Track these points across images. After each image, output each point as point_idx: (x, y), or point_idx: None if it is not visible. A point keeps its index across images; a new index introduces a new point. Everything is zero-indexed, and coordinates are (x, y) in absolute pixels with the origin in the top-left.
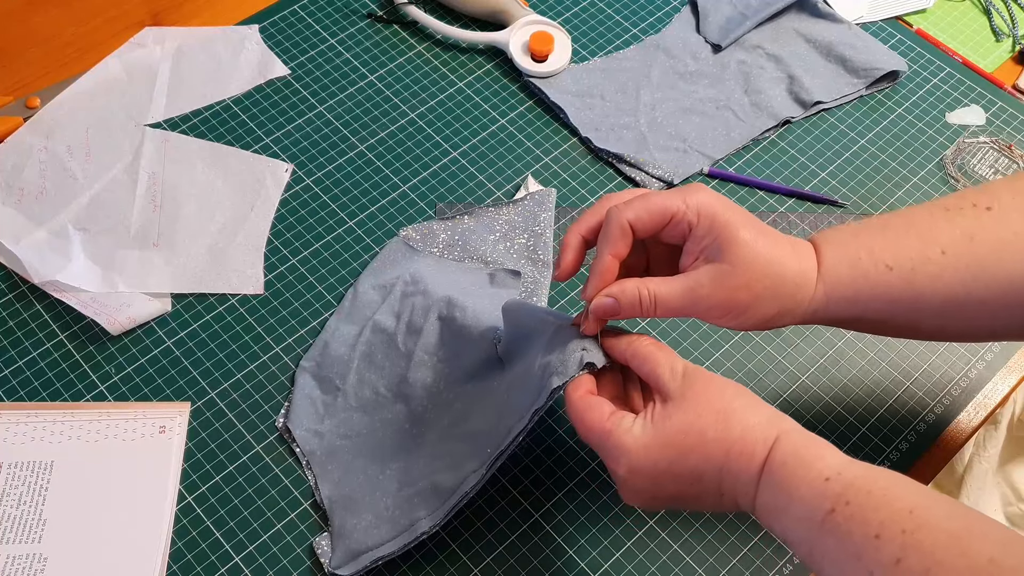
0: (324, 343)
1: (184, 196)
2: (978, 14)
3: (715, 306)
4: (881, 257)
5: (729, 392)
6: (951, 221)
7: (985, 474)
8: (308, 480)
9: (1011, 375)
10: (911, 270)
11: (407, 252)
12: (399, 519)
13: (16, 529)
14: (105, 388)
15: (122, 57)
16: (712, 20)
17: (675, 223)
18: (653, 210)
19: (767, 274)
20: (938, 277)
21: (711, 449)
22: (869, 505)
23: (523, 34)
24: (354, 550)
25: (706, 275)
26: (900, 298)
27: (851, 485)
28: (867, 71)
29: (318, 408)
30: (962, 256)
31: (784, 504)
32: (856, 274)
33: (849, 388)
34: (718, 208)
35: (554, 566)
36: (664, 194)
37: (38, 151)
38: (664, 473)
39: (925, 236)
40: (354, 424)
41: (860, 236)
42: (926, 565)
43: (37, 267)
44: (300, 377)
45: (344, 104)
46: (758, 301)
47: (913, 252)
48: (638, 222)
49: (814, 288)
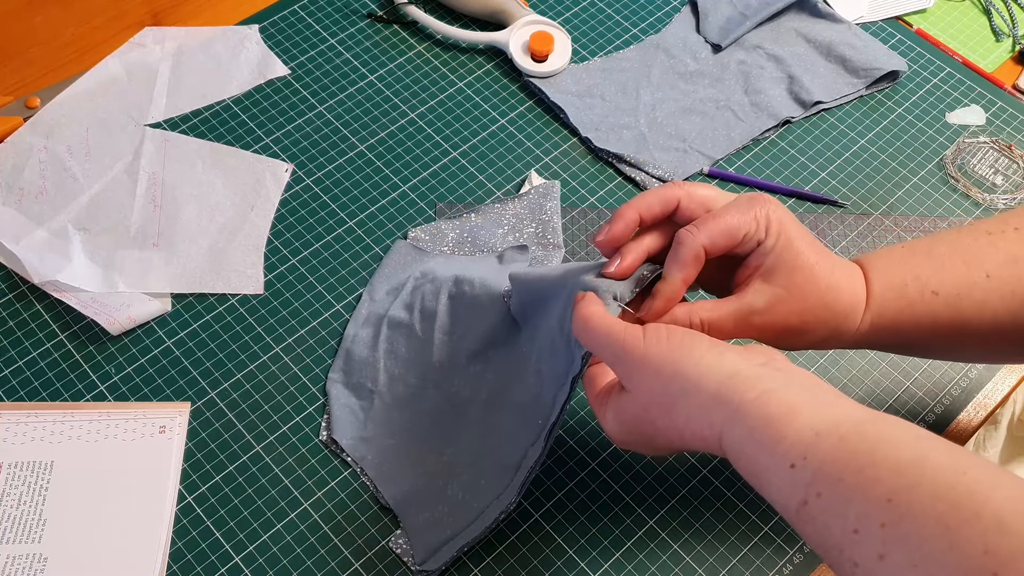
0: (346, 351)
1: (184, 196)
2: (978, 14)
3: (765, 330)
4: (928, 284)
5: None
6: (994, 245)
7: None
8: (370, 488)
9: (1011, 375)
10: (957, 296)
11: (417, 254)
12: (471, 503)
13: (16, 529)
14: (105, 388)
15: (122, 57)
16: (712, 20)
17: (745, 241)
18: (728, 232)
19: (822, 303)
20: (984, 303)
21: (668, 433)
22: (842, 496)
23: (523, 34)
24: (434, 544)
25: (760, 300)
26: (945, 324)
27: (819, 472)
28: (867, 71)
29: (358, 415)
30: (1007, 280)
31: (758, 486)
32: (903, 303)
33: (849, 388)
34: (787, 225)
35: (554, 566)
36: (735, 211)
37: (38, 151)
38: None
39: (970, 261)
40: (396, 421)
41: (907, 262)
42: (912, 561)
43: (37, 267)
44: (332, 389)
45: (344, 104)
46: (808, 328)
47: (959, 278)
48: (712, 247)
49: (861, 318)
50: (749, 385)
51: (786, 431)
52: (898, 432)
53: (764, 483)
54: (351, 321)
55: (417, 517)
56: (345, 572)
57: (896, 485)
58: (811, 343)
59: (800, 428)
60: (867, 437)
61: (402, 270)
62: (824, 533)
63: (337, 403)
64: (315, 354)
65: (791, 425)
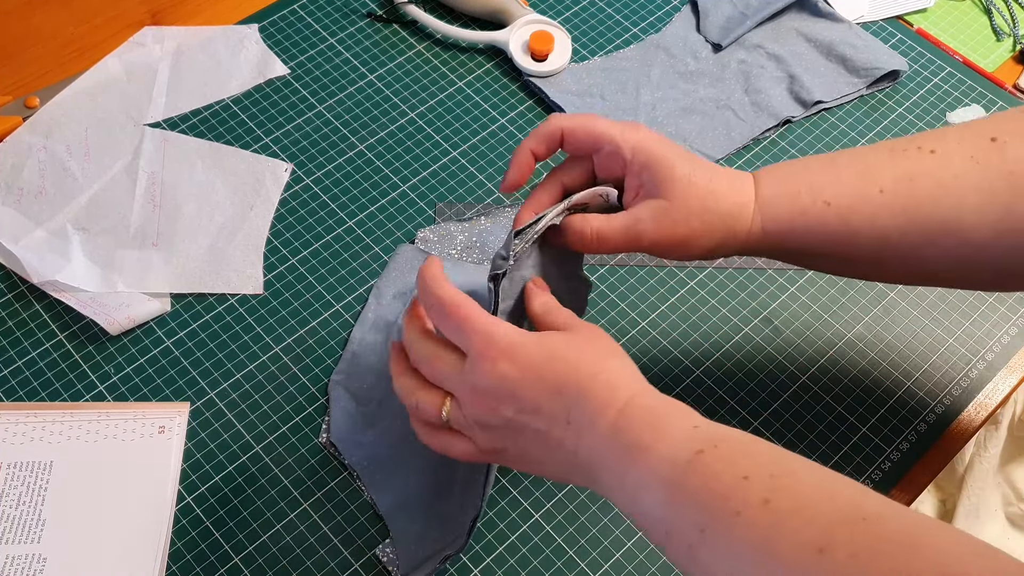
0: (352, 354)
1: (183, 196)
2: (979, 13)
3: (656, 242)
4: (821, 194)
5: (619, 352)
6: (894, 161)
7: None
8: (364, 493)
9: (1012, 375)
10: (848, 208)
11: (423, 257)
12: (457, 516)
13: (15, 529)
14: (104, 388)
15: (121, 57)
16: (712, 19)
17: (608, 152)
18: (588, 129)
19: (704, 208)
20: (875, 216)
21: (583, 368)
22: (738, 451)
23: (523, 33)
24: (420, 557)
25: (645, 211)
26: (836, 233)
27: (719, 435)
28: (868, 70)
29: (357, 420)
30: (899, 196)
31: (648, 443)
32: (795, 210)
33: (850, 388)
34: (653, 144)
35: (554, 566)
36: (606, 122)
37: (37, 151)
38: (534, 368)
39: (866, 175)
40: (397, 431)
41: (802, 173)
42: (795, 505)
43: (36, 267)
44: (333, 391)
45: (344, 104)
46: (696, 235)
47: (852, 190)
48: (571, 135)
49: (751, 220)
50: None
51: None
52: None
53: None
54: (357, 324)
55: (407, 528)
56: (344, 573)
57: (783, 455)
58: (707, 250)
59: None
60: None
61: (409, 273)
62: (712, 481)
63: (337, 406)
64: (315, 354)
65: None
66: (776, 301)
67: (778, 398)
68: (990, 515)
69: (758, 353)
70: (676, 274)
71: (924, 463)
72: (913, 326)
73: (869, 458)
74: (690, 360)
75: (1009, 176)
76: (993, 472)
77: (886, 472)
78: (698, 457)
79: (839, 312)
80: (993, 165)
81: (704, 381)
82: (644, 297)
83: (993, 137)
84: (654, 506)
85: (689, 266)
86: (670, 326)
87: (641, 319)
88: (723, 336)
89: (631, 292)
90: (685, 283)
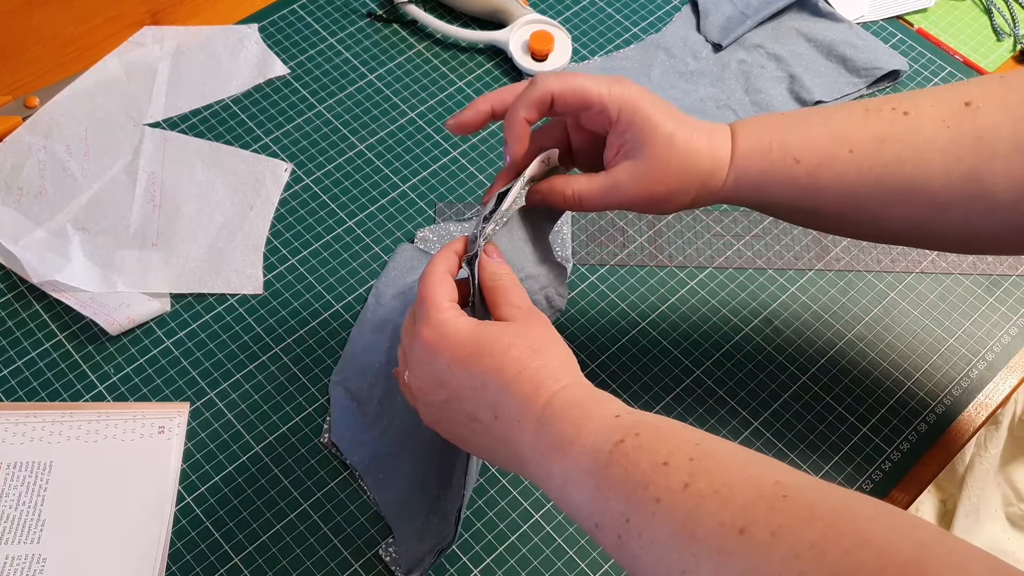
0: (352, 355)
1: (183, 196)
2: (979, 13)
3: (635, 201)
4: (791, 151)
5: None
6: (867, 122)
7: (986, 474)
8: (364, 493)
9: (1012, 375)
10: (817, 165)
11: (423, 257)
12: (454, 513)
13: (15, 529)
14: (104, 388)
15: (121, 56)
16: (713, 19)
17: (596, 111)
18: (576, 91)
19: (683, 168)
20: (842, 175)
21: (507, 366)
22: (658, 437)
23: (523, 33)
24: (419, 554)
25: (624, 172)
26: (804, 189)
27: (640, 422)
28: (868, 70)
29: (357, 420)
30: (868, 157)
31: (571, 437)
32: (765, 165)
33: (850, 388)
34: (638, 102)
35: (554, 567)
36: (592, 79)
37: (37, 151)
38: (460, 360)
39: (838, 134)
40: (397, 430)
41: (777, 129)
42: (714, 487)
43: (36, 267)
44: (334, 391)
45: (344, 104)
46: (673, 193)
47: (822, 148)
48: (560, 98)
49: (725, 176)
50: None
51: (617, 401)
52: None
53: (581, 427)
54: (357, 325)
55: (408, 526)
56: (344, 573)
57: (704, 437)
58: (681, 205)
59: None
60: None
61: (409, 273)
62: (632, 470)
63: (338, 406)
64: (314, 354)
65: (620, 402)
66: (776, 301)
67: (778, 398)
68: (990, 515)
69: (758, 353)
70: (676, 274)
71: (924, 463)
72: (913, 326)
73: (869, 458)
74: (690, 360)
75: (977, 141)
76: (993, 472)
77: (886, 472)
78: (618, 447)
79: (839, 312)
80: (964, 130)
81: (704, 381)
82: (644, 297)
83: (967, 102)
84: (582, 501)
85: (689, 266)
86: (670, 326)
87: (641, 319)
88: (723, 336)
89: (631, 292)
90: (685, 283)
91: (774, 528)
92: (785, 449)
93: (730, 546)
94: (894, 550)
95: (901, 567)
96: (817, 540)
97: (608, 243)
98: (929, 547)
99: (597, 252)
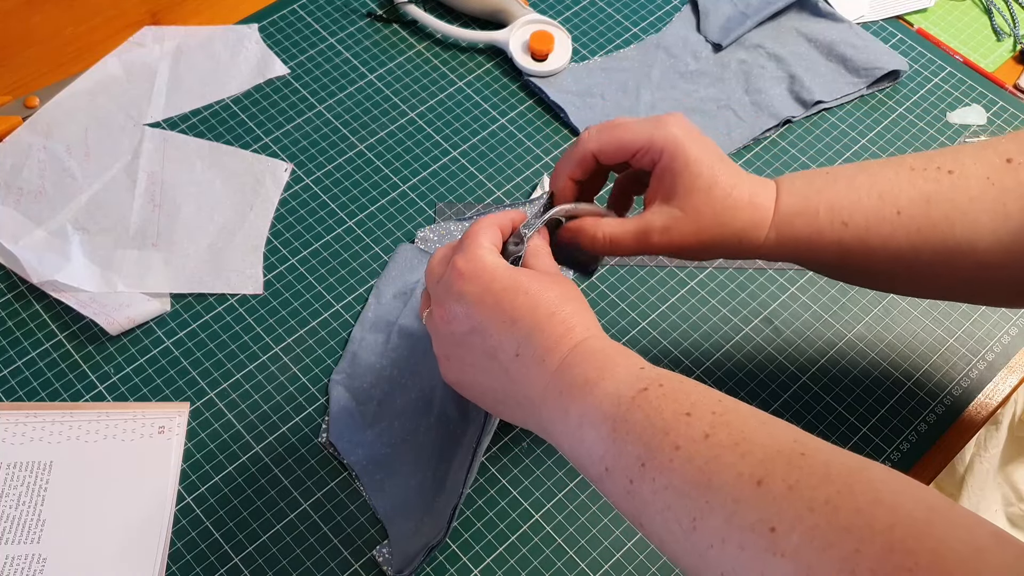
0: (352, 354)
1: (183, 196)
2: (979, 13)
3: (666, 249)
4: (839, 215)
5: (582, 302)
6: (913, 182)
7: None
8: (361, 493)
9: (1012, 375)
10: (865, 228)
11: (423, 256)
12: (444, 510)
13: (15, 529)
14: (104, 388)
15: (121, 56)
16: (713, 19)
17: (640, 156)
18: (618, 145)
19: (719, 223)
20: (891, 237)
21: (542, 305)
22: (682, 390)
23: (523, 33)
24: (411, 553)
25: (659, 220)
26: (851, 251)
27: (664, 375)
28: (868, 70)
29: (356, 419)
30: (916, 218)
31: (595, 379)
32: (811, 230)
33: (850, 388)
34: (682, 145)
35: (554, 567)
36: (635, 127)
37: (37, 151)
38: (493, 293)
39: (885, 196)
40: (396, 432)
41: (824, 190)
42: (734, 439)
43: (36, 267)
44: (333, 390)
45: (344, 104)
46: (706, 247)
47: (870, 211)
48: (602, 155)
49: (765, 235)
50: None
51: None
52: None
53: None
54: (358, 324)
55: (402, 527)
56: (344, 573)
57: (725, 396)
58: (718, 255)
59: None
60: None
61: (409, 272)
62: (654, 416)
63: (336, 405)
64: (314, 354)
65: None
66: (776, 301)
67: (778, 398)
68: (990, 515)
69: (758, 353)
70: (676, 274)
71: (924, 463)
72: (913, 326)
73: (869, 458)
74: (690, 360)
75: (1023, 199)
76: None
77: None
78: (642, 394)
79: (839, 312)
80: (1008, 187)
81: (704, 381)
82: (644, 297)
83: (1009, 158)
84: (596, 441)
85: (689, 266)
86: (670, 326)
87: (641, 319)
88: (723, 336)
89: (631, 292)
90: (685, 283)
91: (791, 482)
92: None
93: (746, 495)
94: (904, 511)
95: (910, 526)
96: (832, 496)
97: None
98: (939, 511)
99: None
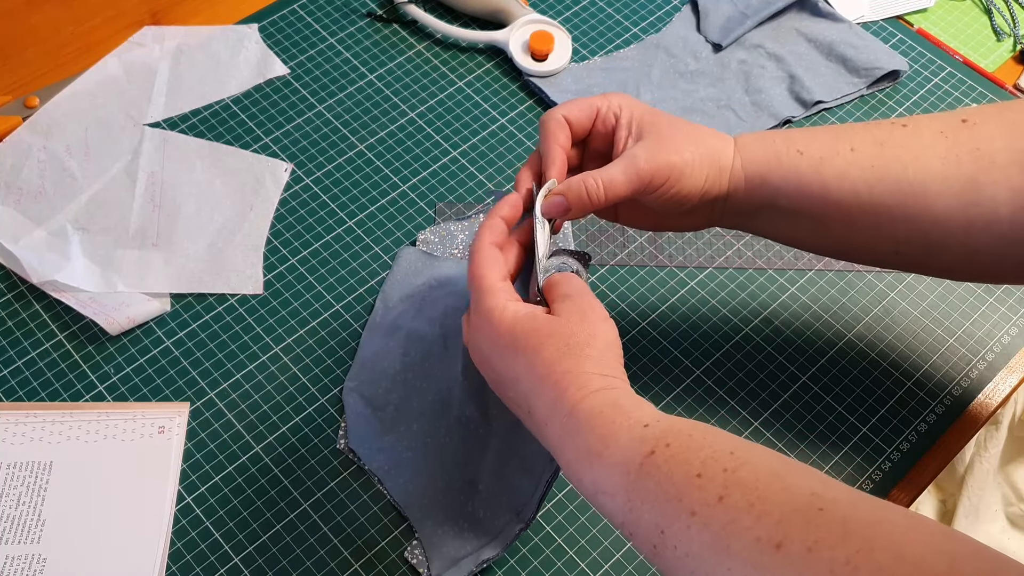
0: (363, 360)
1: (183, 196)
2: (979, 13)
3: (656, 175)
4: (795, 144)
5: (592, 339)
6: (867, 128)
7: (986, 474)
8: (386, 495)
9: (1012, 375)
10: (820, 159)
11: (427, 259)
12: (492, 520)
13: (15, 529)
14: (104, 388)
15: (121, 56)
16: (712, 19)
17: (601, 117)
18: (582, 106)
19: (691, 139)
20: (844, 172)
21: (537, 364)
22: (690, 447)
23: (523, 33)
24: (453, 556)
25: (640, 148)
26: (809, 185)
27: (671, 430)
28: (868, 70)
29: (374, 425)
30: (869, 156)
31: (599, 448)
32: (769, 155)
33: (850, 388)
34: (635, 102)
35: (554, 567)
36: (586, 98)
37: (37, 151)
38: (499, 351)
39: (840, 134)
40: (416, 435)
41: (778, 132)
42: (749, 500)
43: (36, 267)
44: (348, 398)
45: (344, 104)
46: (689, 166)
47: (825, 144)
48: (571, 116)
49: (733, 158)
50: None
51: (645, 407)
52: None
53: (610, 438)
54: (367, 329)
55: (435, 529)
56: (344, 573)
57: (737, 444)
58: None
59: (656, 410)
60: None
61: (414, 276)
62: (665, 483)
63: (352, 412)
64: (314, 354)
65: (650, 405)
66: (776, 301)
67: (778, 398)
68: (990, 515)
69: (758, 353)
70: (676, 274)
71: (924, 463)
72: (913, 326)
73: (869, 458)
74: (690, 360)
75: (975, 151)
76: (993, 472)
77: (886, 472)
78: (649, 459)
79: (839, 312)
80: (961, 140)
81: (704, 381)
82: (644, 297)
83: (964, 119)
84: (614, 510)
85: (689, 266)
86: (670, 326)
87: (641, 319)
88: (723, 336)
89: (631, 292)
90: (685, 283)
91: (810, 544)
92: (786, 449)
93: (766, 561)
94: (927, 565)
95: None
96: (852, 556)
97: (608, 243)
98: (962, 561)
99: (597, 252)
